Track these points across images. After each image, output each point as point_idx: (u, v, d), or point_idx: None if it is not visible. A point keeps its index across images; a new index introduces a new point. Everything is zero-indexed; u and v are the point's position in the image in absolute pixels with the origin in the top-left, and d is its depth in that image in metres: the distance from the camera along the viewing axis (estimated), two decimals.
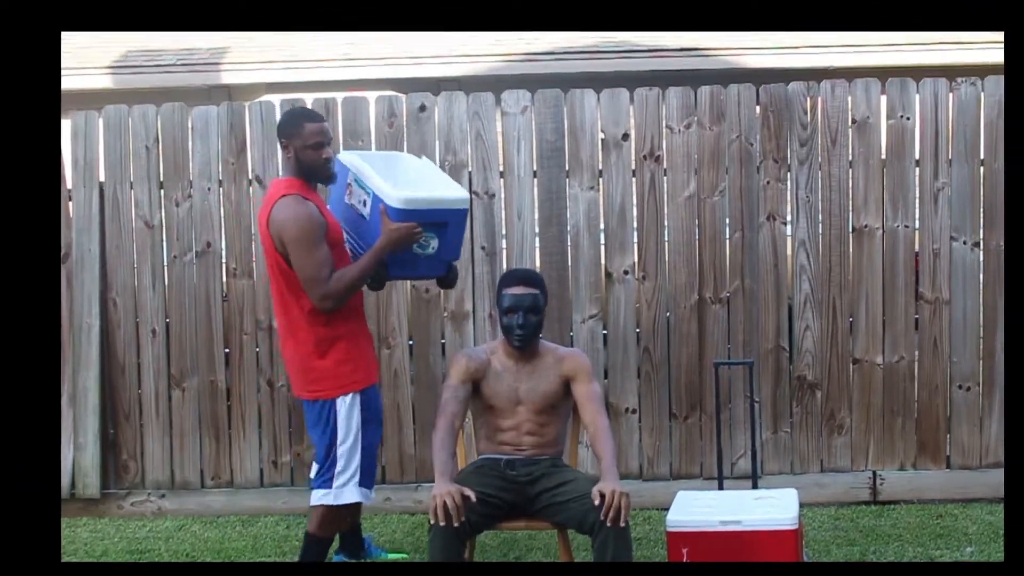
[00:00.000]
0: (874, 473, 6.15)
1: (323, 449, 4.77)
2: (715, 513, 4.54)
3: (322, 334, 4.72)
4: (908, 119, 6.08)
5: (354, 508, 4.98)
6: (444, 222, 4.81)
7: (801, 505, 4.70)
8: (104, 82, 10.63)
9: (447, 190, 4.93)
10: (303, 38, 10.94)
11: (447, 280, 5.05)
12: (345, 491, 4.74)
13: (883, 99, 6.10)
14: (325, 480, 4.76)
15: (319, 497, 4.77)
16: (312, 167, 4.77)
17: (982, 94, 6.07)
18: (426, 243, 4.79)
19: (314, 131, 4.76)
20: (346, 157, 4.91)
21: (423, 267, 4.89)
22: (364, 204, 4.79)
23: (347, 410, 4.72)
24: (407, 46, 10.75)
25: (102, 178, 6.33)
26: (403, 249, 4.74)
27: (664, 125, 6.15)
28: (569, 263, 6.21)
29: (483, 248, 6.20)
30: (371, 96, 6.30)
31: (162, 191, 6.31)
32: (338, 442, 4.73)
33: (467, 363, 4.63)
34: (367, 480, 4.80)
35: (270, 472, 6.33)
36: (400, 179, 5.00)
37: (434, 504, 4.16)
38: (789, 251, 6.18)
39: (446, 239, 4.84)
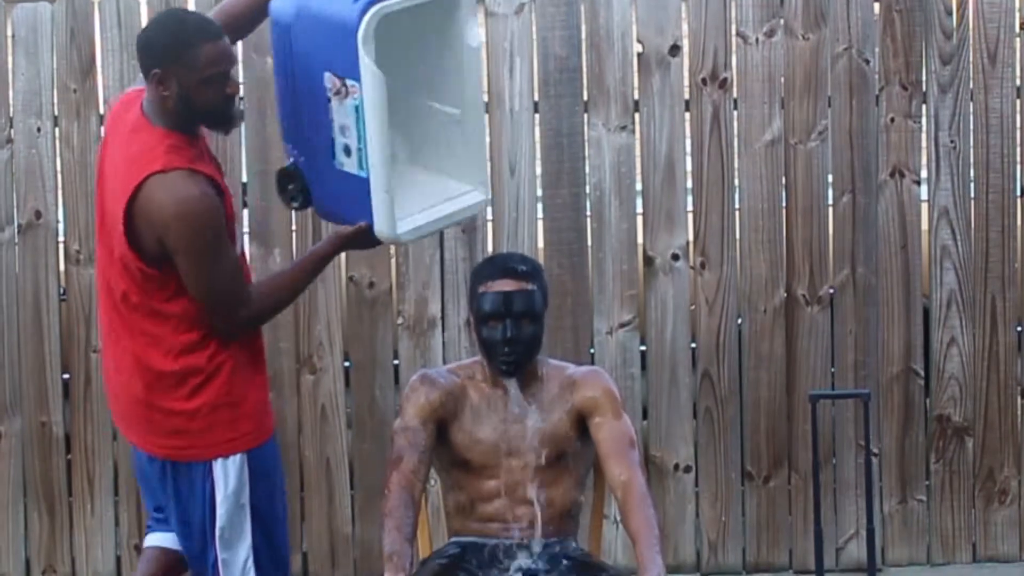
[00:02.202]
0: None
1: (191, 542, 4.67)
2: None
3: (191, 362, 4.59)
4: None
5: None
6: None
7: None
8: None
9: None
10: None
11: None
12: None
13: None
14: None
15: None
16: (208, 111, 4.49)
17: None
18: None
19: (214, 56, 4.43)
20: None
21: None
22: (348, 152, 4.57)
23: (234, 478, 4.63)
24: None
25: None
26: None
27: (734, 32, 6.19)
28: (589, 243, 6.25)
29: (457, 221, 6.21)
30: None
31: None
32: (216, 531, 4.62)
33: (429, 393, 4.61)
34: None
35: (132, 561, 6.33)
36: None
37: None
38: (925, 225, 6.22)
39: None
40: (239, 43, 6.20)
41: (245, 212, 6.27)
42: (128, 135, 4.53)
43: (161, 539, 4.86)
